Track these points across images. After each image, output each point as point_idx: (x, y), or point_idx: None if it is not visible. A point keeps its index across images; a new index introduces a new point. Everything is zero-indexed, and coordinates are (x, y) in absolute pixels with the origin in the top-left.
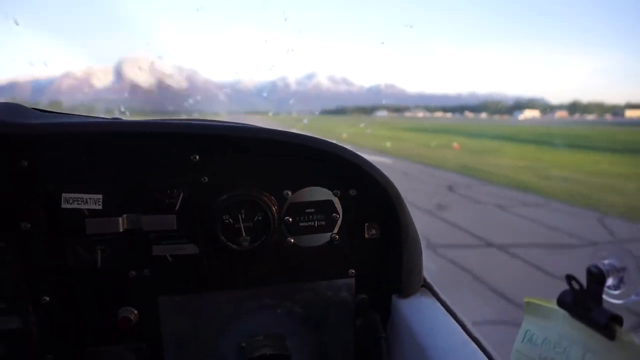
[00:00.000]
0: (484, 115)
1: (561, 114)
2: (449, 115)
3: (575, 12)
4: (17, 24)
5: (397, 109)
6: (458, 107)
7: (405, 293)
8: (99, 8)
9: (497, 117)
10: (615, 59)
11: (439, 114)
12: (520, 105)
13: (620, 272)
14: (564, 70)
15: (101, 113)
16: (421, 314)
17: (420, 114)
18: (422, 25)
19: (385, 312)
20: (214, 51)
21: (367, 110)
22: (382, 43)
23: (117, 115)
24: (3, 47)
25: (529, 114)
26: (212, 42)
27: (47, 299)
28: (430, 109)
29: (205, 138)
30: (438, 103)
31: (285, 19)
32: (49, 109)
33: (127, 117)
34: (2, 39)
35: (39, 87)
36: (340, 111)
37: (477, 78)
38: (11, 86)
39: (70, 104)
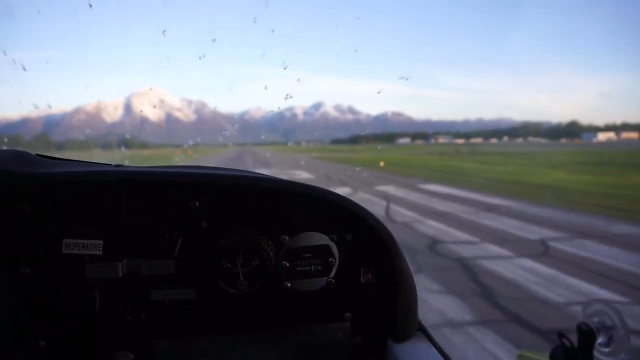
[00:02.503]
0: (543, 140)
1: (629, 135)
2: (494, 141)
3: (572, 37)
4: (24, 69)
5: (420, 136)
6: (490, 132)
7: (401, 337)
8: (108, 45)
9: (563, 140)
10: (616, 81)
11: (477, 140)
12: (559, 129)
13: (609, 330)
14: (567, 94)
15: (113, 146)
16: (416, 359)
17: (460, 141)
18: (429, 56)
19: (381, 357)
20: (221, 85)
21: (384, 138)
22: (379, 92)
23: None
24: (10, 90)
25: (602, 136)
26: (219, 77)
27: (44, 343)
28: (456, 135)
29: (205, 186)
30: (443, 129)
31: (285, 68)
32: (53, 154)
33: (127, 155)
34: (9, 82)
35: (51, 122)
36: (354, 140)
37: (482, 105)
38: (24, 121)
39: (81, 138)
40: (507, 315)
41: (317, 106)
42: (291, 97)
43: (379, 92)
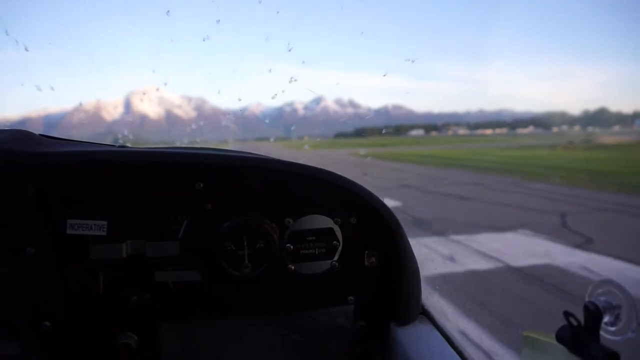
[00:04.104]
0: (590, 128)
1: None
2: (525, 131)
3: (572, 28)
4: (26, 49)
5: (431, 127)
6: (512, 122)
7: (404, 321)
8: (107, 40)
9: (617, 128)
10: (614, 72)
11: (502, 131)
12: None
13: (616, 309)
14: (566, 84)
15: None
16: (419, 342)
17: (489, 131)
18: (429, 49)
19: (384, 340)
20: (220, 80)
21: (391, 130)
22: (384, 75)
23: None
24: (12, 74)
25: None
26: (218, 71)
27: (48, 324)
28: (470, 126)
29: (210, 167)
30: (445, 120)
31: (290, 50)
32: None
33: (132, 141)
34: (12, 66)
35: (50, 122)
36: (358, 133)
37: (482, 96)
38: (24, 121)
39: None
40: None
41: (317, 100)
42: (295, 80)
43: (384, 75)
